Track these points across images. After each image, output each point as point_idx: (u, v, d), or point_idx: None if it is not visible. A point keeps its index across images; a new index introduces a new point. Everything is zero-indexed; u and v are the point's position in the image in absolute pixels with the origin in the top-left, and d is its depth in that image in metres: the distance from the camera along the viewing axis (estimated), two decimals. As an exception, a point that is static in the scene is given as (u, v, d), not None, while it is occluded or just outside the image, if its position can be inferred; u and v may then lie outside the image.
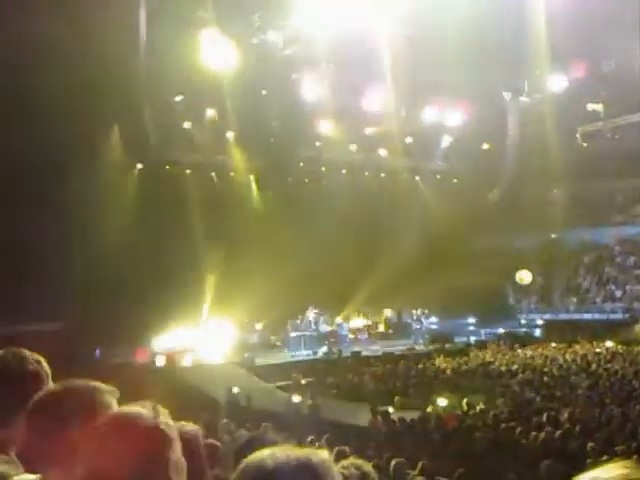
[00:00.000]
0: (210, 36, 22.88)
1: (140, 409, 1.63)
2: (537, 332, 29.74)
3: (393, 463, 7.78)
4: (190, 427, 2.66)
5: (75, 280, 21.25)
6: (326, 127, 29.68)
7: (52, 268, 20.05)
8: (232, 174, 28.71)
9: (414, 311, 26.49)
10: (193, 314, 24.55)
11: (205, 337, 23.45)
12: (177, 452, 1.64)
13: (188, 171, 27.34)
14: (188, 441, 2.20)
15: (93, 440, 1.58)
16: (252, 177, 29.14)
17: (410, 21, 23.74)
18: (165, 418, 1.65)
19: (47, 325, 19.09)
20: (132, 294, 21.68)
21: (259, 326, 25.71)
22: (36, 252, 20.08)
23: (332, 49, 24.17)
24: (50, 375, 2.30)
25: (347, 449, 7.94)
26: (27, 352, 2.32)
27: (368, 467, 3.53)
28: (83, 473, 1.55)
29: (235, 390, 16.80)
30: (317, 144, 30.31)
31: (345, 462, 3.45)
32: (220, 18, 22.43)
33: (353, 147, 31.39)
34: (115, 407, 1.88)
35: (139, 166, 26.16)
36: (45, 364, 2.33)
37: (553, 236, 36.17)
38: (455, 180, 35.63)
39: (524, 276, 27.44)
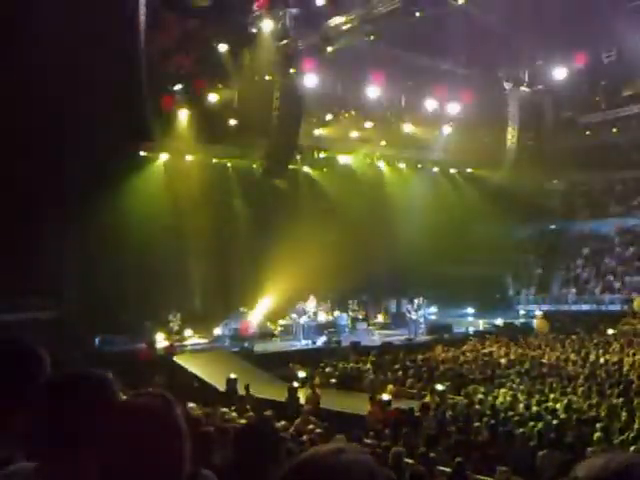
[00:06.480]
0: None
1: (153, 400, 1.64)
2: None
3: (392, 452, 7.84)
4: None
5: (75, 268, 21.20)
6: (326, 116, 29.59)
7: (51, 255, 19.95)
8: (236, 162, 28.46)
9: (415, 300, 26.44)
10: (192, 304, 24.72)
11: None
12: (188, 442, 1.65)
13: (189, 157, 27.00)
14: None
15: (108, 431, 1.58)
16: (254, 166, 28.88)
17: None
18: (177, 409, 1.66)
19: (47, 313, 19.03)
20: (133, 283, 21.73)
21: (258, 315, 25.69)
22: (36, 237, 19.92)
23: (332, 38, 24.05)
24: (48, 362, 2.21)
25: (345, 438, 8.01)
26: (22, 339, 2.23)
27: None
28: (97, 462, 1.56)
29: (234, 378, 16.82)
30: (317, 133, 30.18)
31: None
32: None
33: (353, 135, 31.25)
34: (121, 396, 1.87)
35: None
36: (43, 351, 2.23)
37: (552, 227, 36.22)
38: (454, 170, 35.57)
39: (542, 325, 26.79)
